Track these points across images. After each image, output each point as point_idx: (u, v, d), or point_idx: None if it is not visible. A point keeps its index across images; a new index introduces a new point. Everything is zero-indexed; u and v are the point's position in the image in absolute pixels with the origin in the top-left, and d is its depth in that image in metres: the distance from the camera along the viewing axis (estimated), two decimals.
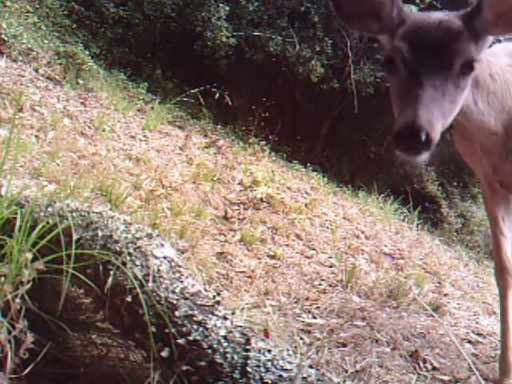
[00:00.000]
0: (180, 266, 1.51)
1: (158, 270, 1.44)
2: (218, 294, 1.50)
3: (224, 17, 6.85)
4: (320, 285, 3.21)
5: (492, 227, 2.32)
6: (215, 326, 1.35)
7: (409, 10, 1.69)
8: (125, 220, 1.62)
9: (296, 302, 2.79)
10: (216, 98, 5.95)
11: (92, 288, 1.43)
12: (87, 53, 6.12)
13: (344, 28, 7.20)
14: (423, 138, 1.38)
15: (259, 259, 3.33)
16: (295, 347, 2.12)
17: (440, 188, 8.25)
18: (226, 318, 1.38)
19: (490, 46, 1.71)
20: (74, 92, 5.12)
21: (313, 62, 6.94)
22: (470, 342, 2.82)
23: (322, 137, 8.26)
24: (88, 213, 1.61)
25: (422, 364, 2.34)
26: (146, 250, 1.49)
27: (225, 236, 3.50)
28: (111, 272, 1.42)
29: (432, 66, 1.51)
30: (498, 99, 1.87)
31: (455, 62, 1.52)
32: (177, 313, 1.35)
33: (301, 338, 2.29)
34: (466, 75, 1.57)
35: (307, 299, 2.89)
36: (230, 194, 4.23)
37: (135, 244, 1.49)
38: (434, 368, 2.34)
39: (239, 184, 4.51)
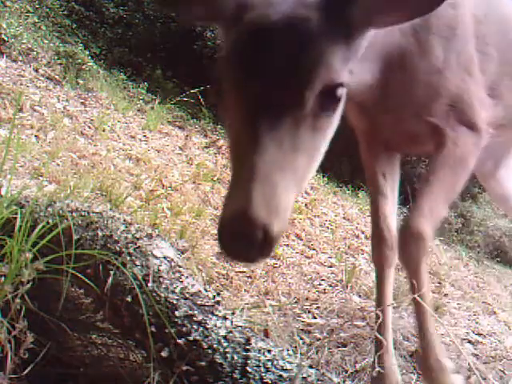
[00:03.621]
0: (180, 266, 1.51)
1: (158, 270, 1.44)
2: (218, 294, 1.49)
3: None
4: (320, 285, 3.21)
5: (370, 186, 1.84)
6: (215, 325, 1.35)
7: None
8: (125, 220, 1.62)
9: (296, 302, 2.79)
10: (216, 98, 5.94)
11: (92, 288, 1.43)
12: (87, 53, 6.13)
13: None
14: (259, 236, 0.90)
15: None
16: (295, 347, 2.11)
17: None
18: (225, 318, 1.38)
19: None
20: (73, 92, 5.11)
21: None
22: (470, 342, 2.82)
23: None
24: (88, 213, 1.61)
25: None
26: (146, 250, 1.49)
27: None
28: (111, 272, 1.42)
29: (274, 104, 0.95)
30: None
31: (308, 94, 0.97)
32: (177, 313, 1.35)
33: (301, 338, 2.28)
34: (329, 111, 1.02)
35: (307, 299, 2.89)
36: None
37: (135, 244, 1.49)
38: None
39: None
